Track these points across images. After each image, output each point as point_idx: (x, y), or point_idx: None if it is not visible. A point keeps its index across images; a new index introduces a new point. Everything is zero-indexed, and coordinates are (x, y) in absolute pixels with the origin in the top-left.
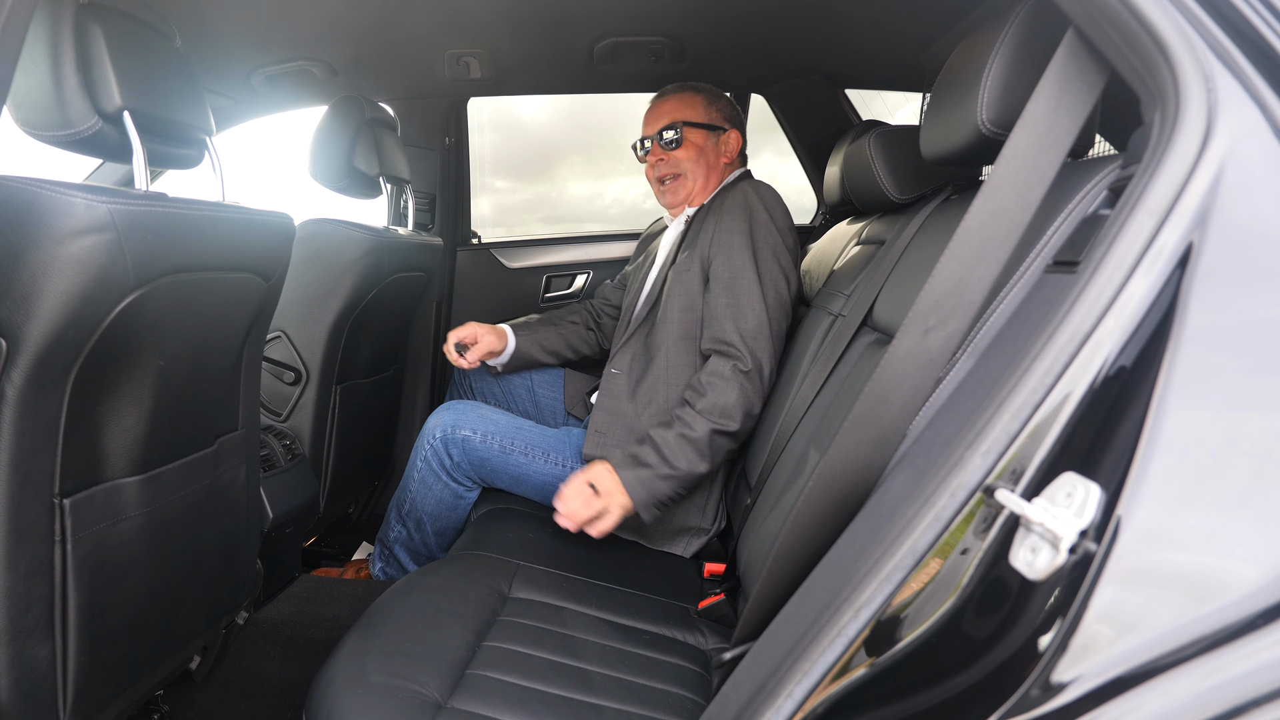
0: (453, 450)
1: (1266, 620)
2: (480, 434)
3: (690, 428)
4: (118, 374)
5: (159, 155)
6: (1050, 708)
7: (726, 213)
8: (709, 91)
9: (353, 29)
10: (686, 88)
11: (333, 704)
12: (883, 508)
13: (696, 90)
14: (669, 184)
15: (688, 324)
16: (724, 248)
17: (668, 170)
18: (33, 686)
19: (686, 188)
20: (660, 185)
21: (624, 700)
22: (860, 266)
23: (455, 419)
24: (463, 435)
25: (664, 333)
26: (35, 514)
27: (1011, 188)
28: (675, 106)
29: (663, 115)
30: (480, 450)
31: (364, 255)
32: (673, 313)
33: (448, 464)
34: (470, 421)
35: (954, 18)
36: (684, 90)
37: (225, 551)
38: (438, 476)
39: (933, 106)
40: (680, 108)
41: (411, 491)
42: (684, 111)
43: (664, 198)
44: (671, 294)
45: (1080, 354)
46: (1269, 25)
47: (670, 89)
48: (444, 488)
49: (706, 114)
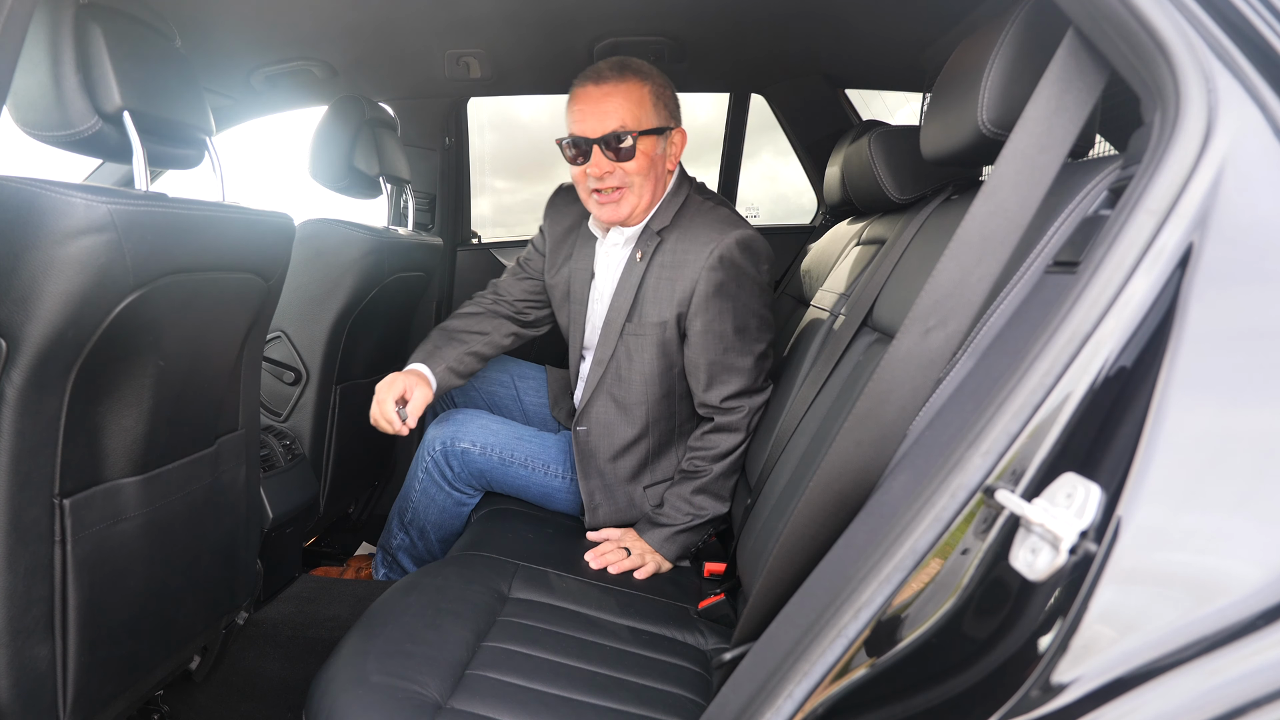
0: (453, 462)
1: (1267, 621)
2: (480, 446)
3: (707, 476)
4: (118, 374)
5: (159, 155)
6: (1050, 708)
7: (709, 271)
8: (654, 79)
9: (353, 29)
10: (629, 72)
11: (333, 704)
12: (883, 508)
13: (642, 77)
14: (607, 195)
15: (669, 382)
16: (704, 310)
17: (612, 182)
18: (33, 687)
19: (630, 204)
20: (598, 196)
21: (624, 700)
22: (860, 267)
23: (454, 431)
24: (462, 448)
25: (638, 391)
26: (35, 514)
27: (1012, 188)
28: (623, 105)
29: (609, 114)
30: (479, 462)
31: (364, 255)
32: (649, 371)
33: (449, 475)
34: (470, 433)
35: (954, 18)
36: (628, 78)
37: (225, 552)
38: (440, 487)
39: (933, 107)
40: (629, 106)
41: (413, 501)
42: (634, 113)
43: (600, 210)
44: (641, 352)
45: (1080, 354)
46: (1269, 25)
47: (609, 73)
48: (446, 497)
49: (655, 112)
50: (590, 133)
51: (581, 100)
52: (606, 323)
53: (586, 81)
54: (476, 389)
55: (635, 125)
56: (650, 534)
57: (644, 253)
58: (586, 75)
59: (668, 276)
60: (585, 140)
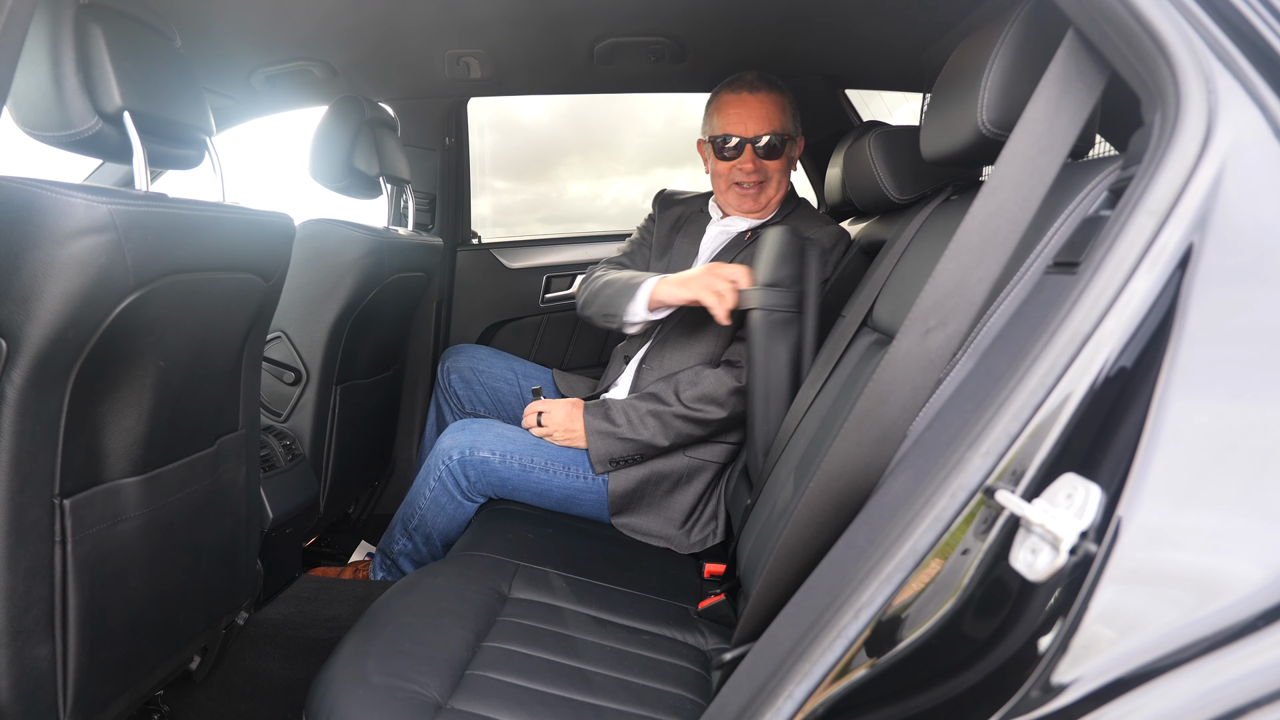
0: (470, 472)
1: (1268, 621)
2: (499, 454)
3: (666, 405)
4: (118, 374)
5: (159, 156)
6: (1051, 709)
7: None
8: (790, 93)
9: (353, 29)
10: (774, 86)
11: (333, 704)
12: (883, 508)
13: (782, 91)
14: (749, 190)
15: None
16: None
17: (756, 178)
18: (33, 687)
19: (767, 195)
20: (739, 189)
21: (624, 701)
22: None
23: (472, 440)
24: (482, 457)
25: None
26: (35, 514)
27: (1012, 188)
28: (774, 113)
29: (762, 119)
30: (500, 471)
31: (364, 255)
32: (710, 334)
33: (463, 484)
34: (488, 442)
35: (954, 18)
36: (774, 90)
37: (225, 552)
38: (451, 496)
39: (933, 107)
40: (778, 115)
41: (421, 509)
42: (782, 120)
43: (741, 202)
44: None
45: (1081, 355)
46: (1269, 25)
47: (759, 84)
48: (457, 507)
49: (793, 121)
50: (744, 132)
51: (736, 105)
52: None
53: (741, 89)
54: (482, 384)
55: (784, 130)
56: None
57: (752, 235)
58: (738, 84)
59: None
60: (741, 140)
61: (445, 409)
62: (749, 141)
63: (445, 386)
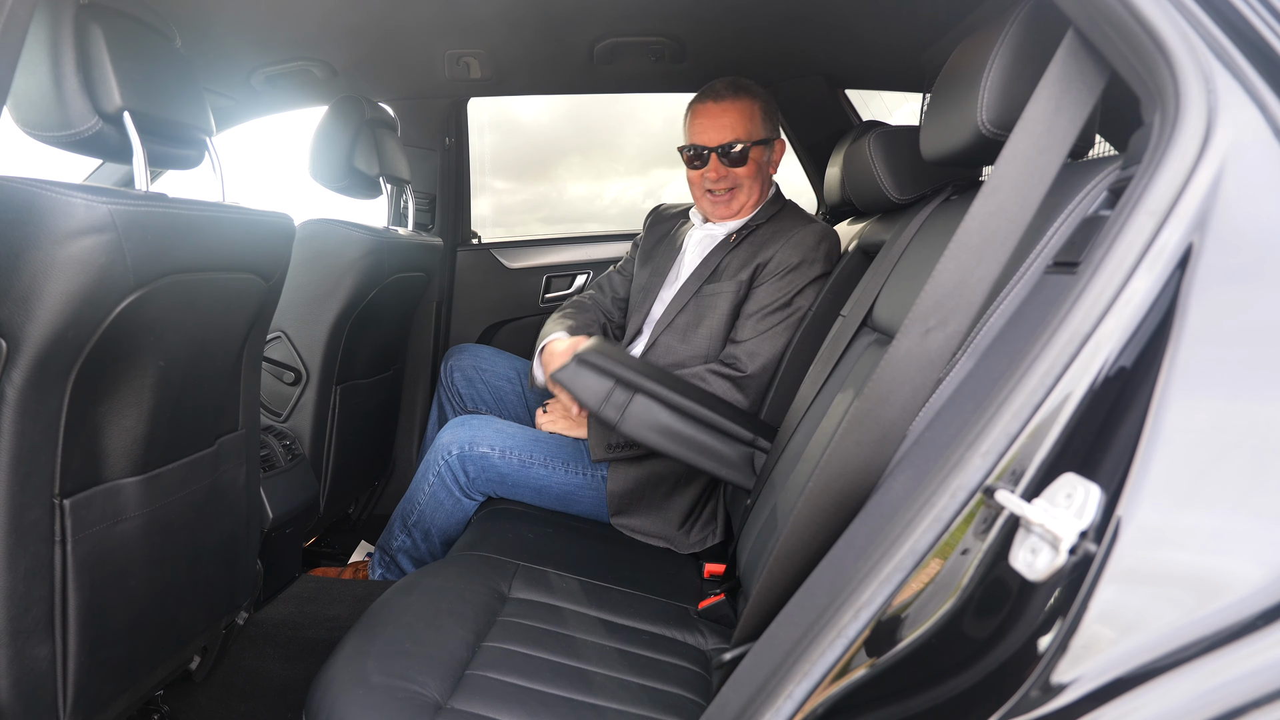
0: (469, 467)
1: (1267, 621)
2: (499, 450)
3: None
4: (118, 374)
5: (159, 156)
6: (1050, 709)
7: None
8: (763, 98)
9: (353, 29)
10: (743, 92)
11: (333, 704)
12: (883, 508)
13: (753, 96)
14: (721, 196)
15: (715, 346)
16: (773, 278)
17: (725, 185)
18: (33, 687)
19: (739, 201)
20: (711, 196)
21: (624, 700)
22: (860, 267)
23: (472, 435)
24: (481, 452)
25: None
26: (35, 514)
27: (1011, 188)
28: (738, 121)
29: (724, 128)
30: (499, 466)
31: (364, 255)
32: (716, 327)
33: (462, 480)
34: (487, 438)
35: (954, 18)
36: (742, 97)
37: (225, 552)
38: (450, 492)
39: (933, 107)
40: (743, 122)
41: (420, 505)
42: (747, 127)
43: (714, 209)
44: (706, 312)
45: (1080, 355)
46: (1269, 25)
47: (725, 92)
48: (456, 503)
49: (764, 126)
50: (707, 141)
51: (701, 115)
52: (685, 283)
53: (707, 99)
54: (485, 383)
55: (748, 137)
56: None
57: (737, 236)
58: (706, 93)
59: (753, 249)
60: (703, 148)
61: (447, 407)
62: (713, 150)
63: (448, 385)
